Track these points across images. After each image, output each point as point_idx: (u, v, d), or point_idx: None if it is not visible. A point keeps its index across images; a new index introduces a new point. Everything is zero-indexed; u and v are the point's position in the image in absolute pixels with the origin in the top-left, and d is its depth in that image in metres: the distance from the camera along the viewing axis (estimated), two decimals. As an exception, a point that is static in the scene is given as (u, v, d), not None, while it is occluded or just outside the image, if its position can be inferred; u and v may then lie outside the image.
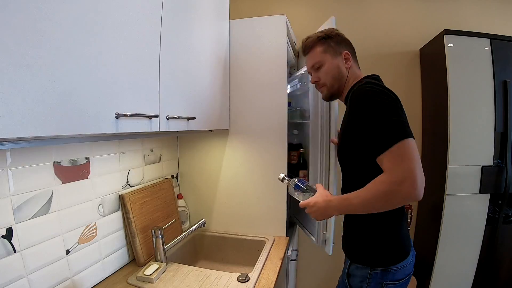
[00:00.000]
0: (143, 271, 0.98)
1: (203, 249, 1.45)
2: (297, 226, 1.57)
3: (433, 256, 1.52)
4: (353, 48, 0.97)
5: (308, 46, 0.96)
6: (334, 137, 1.13)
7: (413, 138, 0.68)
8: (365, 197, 0.72)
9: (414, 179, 0.64)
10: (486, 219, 1.48)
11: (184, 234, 1.18)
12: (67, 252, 0.86)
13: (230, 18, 1.35)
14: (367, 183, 0.74)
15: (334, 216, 0.93)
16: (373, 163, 0.73)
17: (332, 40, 0.93)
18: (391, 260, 0.82)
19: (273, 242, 1.30)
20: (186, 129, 1.00)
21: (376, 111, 0.71)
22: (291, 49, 1.53)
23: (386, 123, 0.69)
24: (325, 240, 1.17)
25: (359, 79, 0.91)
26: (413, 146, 0.66)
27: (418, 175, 0.65)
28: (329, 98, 0.98)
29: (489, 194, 1.46)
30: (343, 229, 0.97)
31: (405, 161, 0.65)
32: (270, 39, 1.32)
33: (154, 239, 1.07)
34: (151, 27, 0.79)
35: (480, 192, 1.46)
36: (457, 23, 1.66)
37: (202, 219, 1.26)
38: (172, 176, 1.47)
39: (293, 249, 1.46)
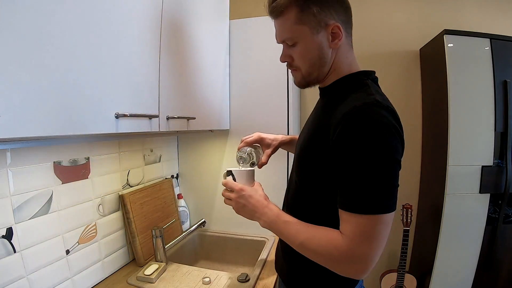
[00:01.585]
0: (143, 271, 0.98)
1: (203, 249, 1.45)
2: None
3: (433, 256, 1.52)
4: (349, 14, 0.65)
5: (276, 9, 0.63)
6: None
7: (394, 210, 0.54)
8: (308, 243, 0.59)
9: (368, 266, 0.54)
10: (486, 219, 1.47)
11: (184, 234, 1.18)
12: (67, 252, 0.86)
13: (230, 18, 1.35)
14: (321, 209, 0.64)
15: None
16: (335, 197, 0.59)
17: (316, 4, 0.60)
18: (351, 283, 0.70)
19: (274, 242, 1.30)
20: (186, 129, 1.00)
21: (375, 162, 0.52)
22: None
23: (376, 183, 0.52)
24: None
25: (354, 72, 0.67)
26: (387, 224, 0.53)
27: (374, 262, 0.54)
28: (304, 86, 0.71)
29: (489, 194, 1.46)
30: (283, 260, 0.78)
31: (370, 242, 0.53)
32: (270, 39, 1.31)
33: (154, 239, 1.07)
34: (151, 27, 0.79)
35: (480, 192, 1.46)
36: (457, 23, 1.66)
37: (202, 219, 1.27)
38: (172, 176, 1.47)
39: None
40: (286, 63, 0.71)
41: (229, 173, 0.76)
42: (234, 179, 0.75)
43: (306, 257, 0.61)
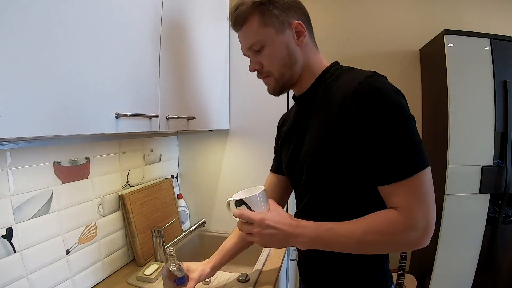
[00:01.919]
0: (143, 271, 0.98)
1: (203, 249, 1.44)
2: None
3: (433, 256, 1.52)
4: (307, 14, 0.68)
5: (239, 18, 0.65)
6: None
7: (429, 163, 0.54)
8: (366, 237, 0.55)
9: (431, 229, 0.53)
10: (486, 219, 1.48)
11: (184, 234, 1.18)
12: (67, 252, 0.86)
13: (230, 18, 1.35)
14: (352, 208, 0.60)
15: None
16: (368, 186, 0.58)
17: (275, 5, 0.63)
18: None
19: (273, 242, 1.30)
20: (186, 129, 1.00)
21: (400, 124, 0.53)
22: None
23: (408, 143, 0.52)
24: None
25: (328, 67, 0.68)
26: (430, 178, 0.54)
27: (434, 223, 0.53)
28: (279, 92, 0.70)
29: (489, 194, 1.46)
30: (304, 263, 0.76)
31: (424, 201, 0.52)
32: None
33: (154, 239, 1.07)
34: (151, 28, 0.79)
35: (480, 192, 1.46)
36: (457, 23, 1.66)
37: (202, 219, 1.26)
38: (172, 176, 1.47)
39: (293, 249, 1.46)
40: (256, 72, 0.70)
41: (241, 202, 0.63)
42: (249, 207, 0.63)
43: (368, 254, 0.59)
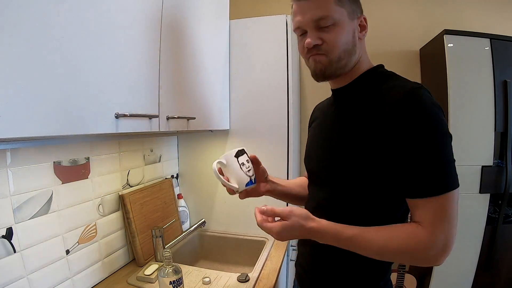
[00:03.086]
0: (143, 271, 0.98)
1: (203, 249, 1.45)
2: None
3: (433, 256, 1.52)
4: None
5: None
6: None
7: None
8: (386, 249, 0.55)
9: (450, 249, 0.54)
10: (486, 219, 1.47)
11: (184, 234, 1.18)
12: (67, 252, 0.86)
13: (230, 18, 1.35)
14: (370, 211, 0.61)
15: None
16: (394, 194, 0.59)
17: None
18: None
19: (274, 242, 1.30)
20: (186, 129, 1.00)
21: (438, 141, 0.54)
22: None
23: (442, 161, 0.53)
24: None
25: (374, 67, 0.70)
26: (457, 200, 0.54)
27: (453, 242, 0.54)
28: (328, 75, 0.64)
29: (489, 194, 1.46)
30: (308, 266, 0.75)
31: (448, 222, 0.53)
32: (270, 39, 1.32)
33: (154, 239, 1.07)
34: (151, 27, 0.79)
35: (480, 192, 1.46)
36: (457, 23, 1.66)
37: (202, 219, 1.26)
38: (172, 176, 1.47)
39: (293, 249, 1.46)
40: (306, 50, 0.64)
41: (242, 151, 0.73)
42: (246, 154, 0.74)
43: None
